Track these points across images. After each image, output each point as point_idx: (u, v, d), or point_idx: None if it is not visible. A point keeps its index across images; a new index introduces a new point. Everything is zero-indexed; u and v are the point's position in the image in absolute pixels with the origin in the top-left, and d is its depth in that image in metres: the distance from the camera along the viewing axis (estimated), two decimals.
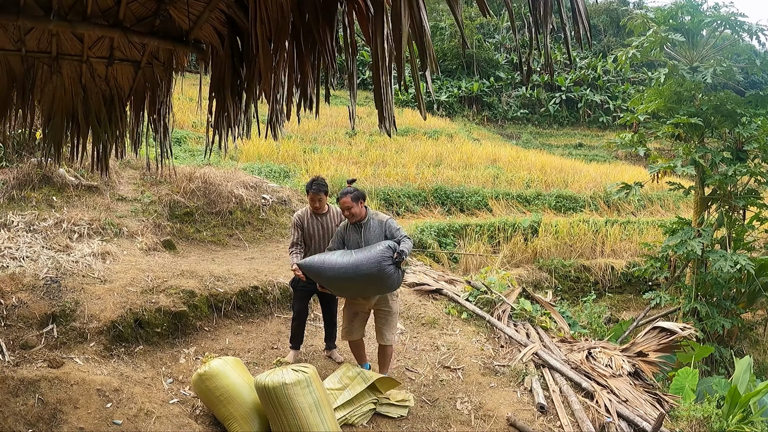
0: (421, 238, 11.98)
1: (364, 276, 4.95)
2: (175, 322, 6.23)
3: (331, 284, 5.19)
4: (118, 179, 9.85)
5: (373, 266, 4.91)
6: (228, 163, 13.77)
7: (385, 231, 5.27)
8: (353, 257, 5.02)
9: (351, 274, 4.97)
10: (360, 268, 4.94)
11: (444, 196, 15.68)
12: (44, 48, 4.30)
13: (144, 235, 8.25)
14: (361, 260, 4.96)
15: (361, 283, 5.05)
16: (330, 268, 5.07)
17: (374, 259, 4.91)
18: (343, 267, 5.00)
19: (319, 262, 5.16)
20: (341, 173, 15.07)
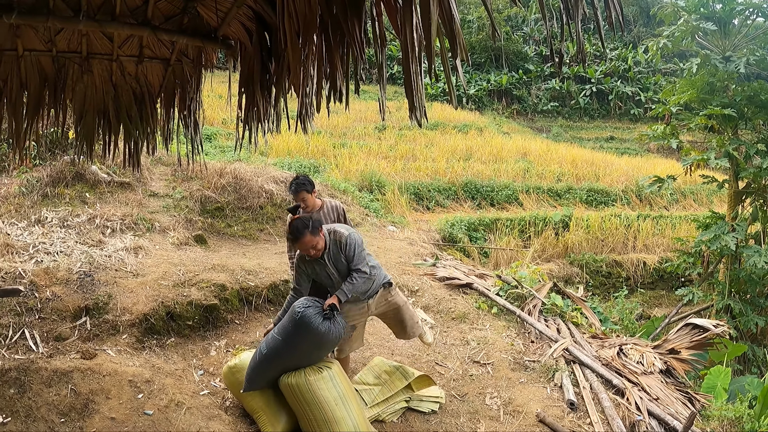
0: (452, 232, 11.95)
1: (304, 347, 4.51)
2: (206, 315, 6.30)
3: (283, 371, 4.67)
4: (149, 176, 9.97)
5: (311, 336, 4.42)
6: (258, 158, 13.86)
7: (345, 256, 4.54)
8: (279, 335, 4.57)
9: (291, 351, 4.53)
10: (293, 342, 4.48)
11: (474, 190, 15.61)
12: (75, 48, 4.36)
13: (176, 230, 8.34)
14: (288, 332, 4.51)
15: (309, 353, 4.59)
16: (268, 360, 4.59)
17: (307, 329, 4.42)
18: (278, 348, 4.54)
19: (257, 365, 4.66)
20: (371, 168, 15.08)
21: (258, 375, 4.67)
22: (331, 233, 4.54)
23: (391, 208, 13.22)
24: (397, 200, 13.64)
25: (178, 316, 6.06)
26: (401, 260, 8.68)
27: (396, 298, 5.09)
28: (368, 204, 12.22)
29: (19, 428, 4.30)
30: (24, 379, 4.65)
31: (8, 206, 7.82)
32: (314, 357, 4.69)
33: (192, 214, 9.18)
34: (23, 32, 4.06)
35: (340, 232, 4.55)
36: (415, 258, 8.97)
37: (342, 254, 4.53)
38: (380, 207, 12.57)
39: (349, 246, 4.51)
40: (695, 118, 10.67)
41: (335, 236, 4.53)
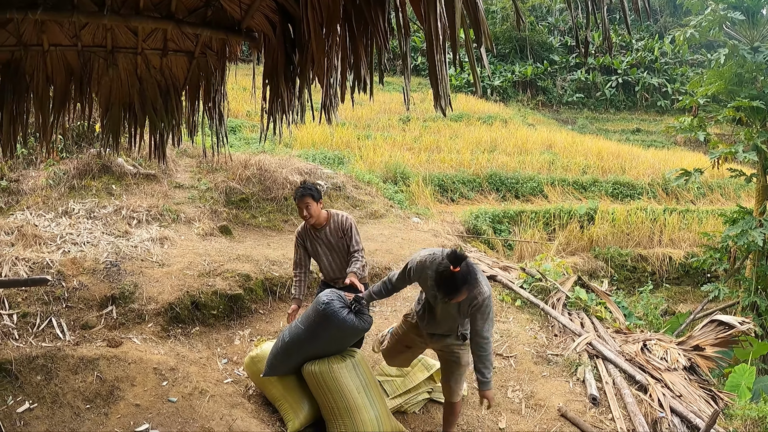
0: (476, 224, 11.88)
1: (327, 338, 4.53)
2: (231, 305, 6.35)
3: (304, 360, 4.71)
4: (175, 167, 10.05)
5: (332, 328, 4.45)
6: (282, 150, 13.89)
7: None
8: (303, 323, 4.60)
9: (313, 341, 4.54)
10: (315, 332, 4.51)
11: (499, 182, 15.51)
12: (99, 42, 4.38)
13: (201, 221, 8.40)
14: (312, 322, 4.52)
15: (331, 343, 4.62)
16: (291, 350, 4.63)
17: (330, 320, 4.42)
18: (300, 337, 4.57)
19: (279, 352, 4.70)
20: (395, 159, 15.05)
21: (279, 362, 4.71)
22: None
23: (416, 199, 13.19)
24: (421, 192, 13.60)
25: (202, 306, 6.12)
26: None
27: (464, 354, 4.45)
28: (392, 195, 12.20)
29: (45, 414, 4.37)
30: (51, 366, 4.72)
31: (36, 198, 7.93)
32: (336, 347, 4.71)
33: (217, 205, 9.24)
34: (48, 28, 4.10)
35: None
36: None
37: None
38: (405, 198, 12.54)
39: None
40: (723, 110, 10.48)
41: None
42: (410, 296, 7.35)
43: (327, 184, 10.83)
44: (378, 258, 8.06)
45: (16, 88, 4.50)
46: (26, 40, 4.17)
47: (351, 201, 10.84)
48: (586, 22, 2.08)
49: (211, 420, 4.53)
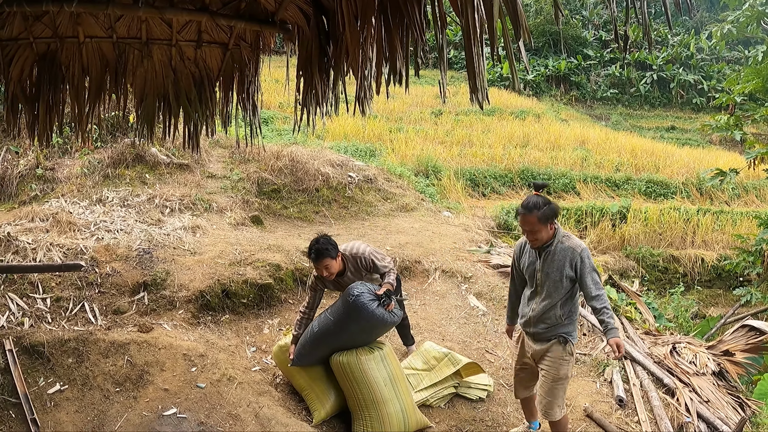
0: (507, 219, 11.75)
1: (355, 330, 4.59)
2: (261, 294, 6.39)
3: (332, 351, 4.75)
4: (207, 157, 10.13)
5: (362, 319, 4.51)
6: (314, 142, 13.91)
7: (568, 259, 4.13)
8: (332, 315, 4.66)
9: (342, 333, 4.60)
10: (345, 324, 4.56)
11: (531, 177, 15.31)
12: (134, 34, 4.42)
13: (233, 211, 8.46)
14: (341, 314, 4.58)
15: (359, 336, 4.68)
16: (319, 340, 4.67)
17: (360, 312, 4.48)
18: (328, 328, 4.62)
19: (307, 342, 4.74)
20: (427, 153, 14.97)
21: (307, 352, 4.73)
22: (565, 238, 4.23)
23: (447, 193, 13.10)
24: (452, 186, 13.51)
25: (233, 294, 6.16)
26: (456, 246, 8.61)
27: (561, 366, 4.23)
28: (424, 189, 12.15)
29: (75, 395, 4.44)
30: (82, 349, 4.79)
31: (71, 186, 8.05)
32: (364, 339, 4.74)
33: (249, 195, 9.29)
34: (84, 20, 4.14)
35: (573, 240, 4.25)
36: (469, 244, 8.89)
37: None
38: (436, 192, 12.48)
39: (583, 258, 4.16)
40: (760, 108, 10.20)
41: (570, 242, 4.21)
42: (439, 290, 7.33)
43: (358, 176, 10.83)
44: (408, 251, 8.03)
45: (52, 79, 4.56)
46: (62, 33, 4.22)
47: (382, 194, 10.82)
48: (626, 16, 2.03)
49: (238, 407, 4.56)
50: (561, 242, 4.12)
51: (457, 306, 7.07)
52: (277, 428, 4.44)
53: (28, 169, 8.52)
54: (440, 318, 6.80)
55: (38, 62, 4.46)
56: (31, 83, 4.59)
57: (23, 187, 8.25)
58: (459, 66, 31.18)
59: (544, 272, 4.15)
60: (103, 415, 4.33)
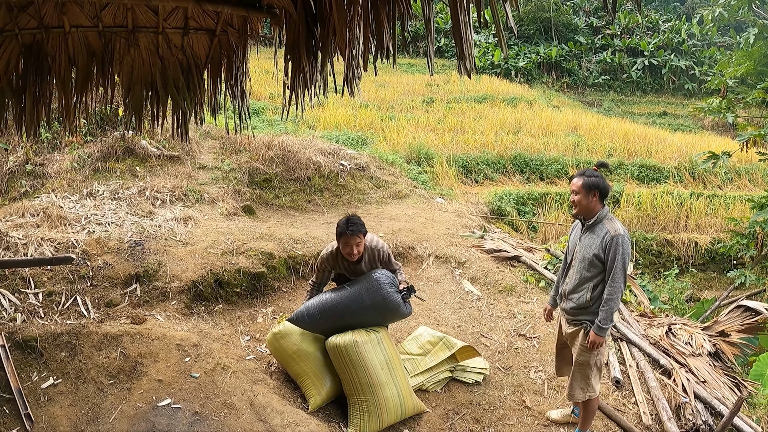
0: (500, 205, 11.77)
1: (370, 307, 4.72)
2: (254, 283, 6.37)
3: (336, 324, 4.83)
4: (198, 149, 10.07)
5: (378, 296, 4.67)
6: (305, 131, 13.88)
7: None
8: (349, 285, 4.81)
9: (355, 307, 4.72)
10: (362, 300, 4.70)
11: (523, 163, 15.34)
12: (120, 22, 4.37)
13: (224, 201, 8.42)
14: (360, 286, 4.75)
15: (367, 316, 4.78)
16: (330, 308, 4.76)
17: (378, 289, 4.68)
18: (343, 299, 4.75)
19: (317, 306, 4.82)
20: (419, 140, 14.94)
21: (311, 315, 4.78)
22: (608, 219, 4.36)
23: (440, 180, 13.10)
24: (445, 172, 13.50)
25: (226, 284, 6.14)
26: (449, 232, 8.61)
27: (591, 356, 4.36)
28: (416, 176, 12.14)
29: (69, 389, 4.41)
30: (75, 342, 4.76)
31: (61, 181, 8.00)
32: (371, 321, 4.81)
33: (240, 185, 9.25)
34: (69, 9, 4.09)
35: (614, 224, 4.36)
36: (463, 230, 8.89)
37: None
38: (428, 179, 12.47)
39: None
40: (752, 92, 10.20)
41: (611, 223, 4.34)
42: (433, 275, 7.33)
43: (350, 165, 10.80)
44: (401, 237, 8.02)
45: (38, 71, 4.50)
46: (47, 23, 4.16)
47: (374, 181, 10.80)
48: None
49: (233, 395, 4.54)
50: (602, 222, 4.25)
51: (452, 291, 7.07)
52: (272, 416, 4.42)
53: (18, 165, 8.45)
54: (435, 303, 6.79)
55: (24, 54, 4.40)
56: (17, 75, 4.53)
57: (13, 183, 8.19)
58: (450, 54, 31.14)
59: (579, 247, 4.35)
60: (97, 408, 4.30)
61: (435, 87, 23.74)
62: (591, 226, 4.30)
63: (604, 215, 4.28)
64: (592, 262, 4.23)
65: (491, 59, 29.58)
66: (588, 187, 4.25)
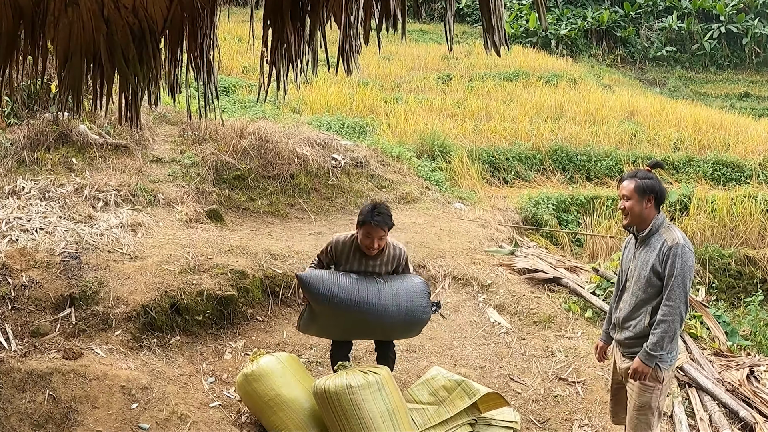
0: (536, 213, 11.77)
1: (403, 313, 5.09)
2: (221, 309, 6.39)
3: (350, 317, 5.04)
4: (152, 137, 10.10)
5: (417, 304, 5.15)
6: (289, 116, 13.90)
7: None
8: (388, 285, 5.12)
9: (384, 306, 5.02)
10: (398, 301, 5.06)
11: (565, 159, 15.35)
12: None
13: (184, 204, 8.45)
14: (396, 279, 5.18)
15: (393, 321, 5.11)
16: (357, 293, 5.00)
17: (421, 297, 5.18)
18: (376, 294, 5.04)
19: (340, 281, 5.04)
20: (433, 128, 14.95)
21: (327, 287, 4.94)
22: None
23: (459, 179, 13.11)
24: (466, 170, 13.51)
25: (185, 310, 6.15)
26: (470, 246, 8.62)
27: (649, 396, 4.33)
28: (429, 174, 12.16)
29: None
30: None
31: None
32: (392, 329, 5.19)
33: (205, 184, 9.28)
34: None
35: None
36: (488, 244, 8.90)
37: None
38: (444, 178, 12.50)
39: None
40: None
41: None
42: (450, 302, 7.34)
43: (345, 159, 10.83)
44: (410, 253, 7.95)
45: None
46: None
47: (376, 180, 10.82)
48: None
49: None
50: (659, 232, 4.35)
51: (473, 322, 7.08)
52: None
53: None
54: (451, 337, 6.80)
55: None
56: None
57: None
58: (473, 19, 31.05)
59: (634, 264, 4.43)
60: None
61: (453, 61, 23.81)
62: (645, 238, 4.38)
63: (660, 223, 4.37)
64: (649, 280, 4.27)
65: (525, 25, 29.60)
66: (642, 191, 4.31)
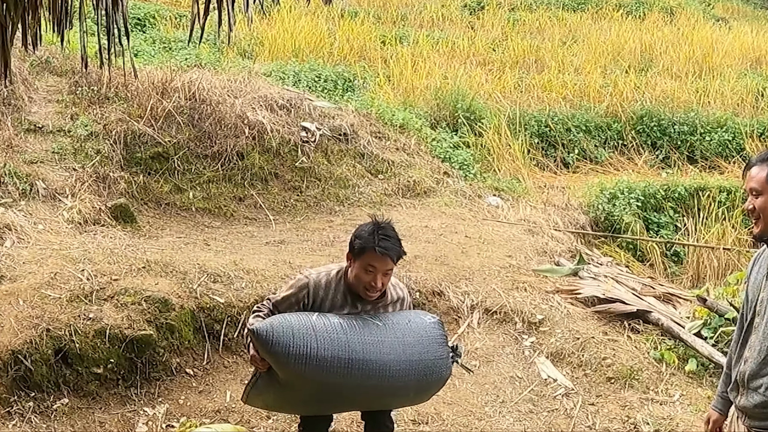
0: (611, 212, 11.76)
1: (415, 369, 5.00)
2: (131, 358, 6.38)
3: (327, 390, 4.94)
4: (27, 94, 10.09)
5: (435, 353, 5.05)
6: (237, 63, 13.86)
7: None
8: (390, 336, 4.96)
9: (387, 374, 4.89)
10: (409, 350, 4.96)
11: (657, 130, 15.30)
12: None
13: (76, 197, 8.44)
14: (409, 336, 5.01)
15: (404, 381, 5.01)
16: (350, 360, 4.80)
17: (438, 342, 5.10)
18: (377, 343, 4.90)
19: (326, 328, 4.84)
20: (455, 83, 14.90)
21: (306, 343, 4.70)
22: None
23: (495, 160, 13.03)
24: (505, 147, 13.44)
25: (76, 358, 6.15)
26: (511, 262, 8.61)
27: None
28: (449, 153, 12.13)
29: None
30: None
31: None
32: (400, 391, 5.08)
33: (108, 165, 9.27)
34: None
35: None
36: (538, 259, 8.89)
37: None
38: (472, 159, 12.43)
39: None
40: None
41: None
42: (481, 347, 7.34)
43: (322, 130, 10.82)
44: (421, 273, 8.00)
45: None
46: None
47: (368, 162, 10.81)
48: None
49: None
50: None
51: (515, 378, 7.09)
52: None
53: None
54: (482, 401, 6.81)
55: None
56: None
57: None
58: None
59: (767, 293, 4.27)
60: None
61: None
62: None
63: None
64: None
65: None
66: None
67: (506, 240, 9.30)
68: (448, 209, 10.21)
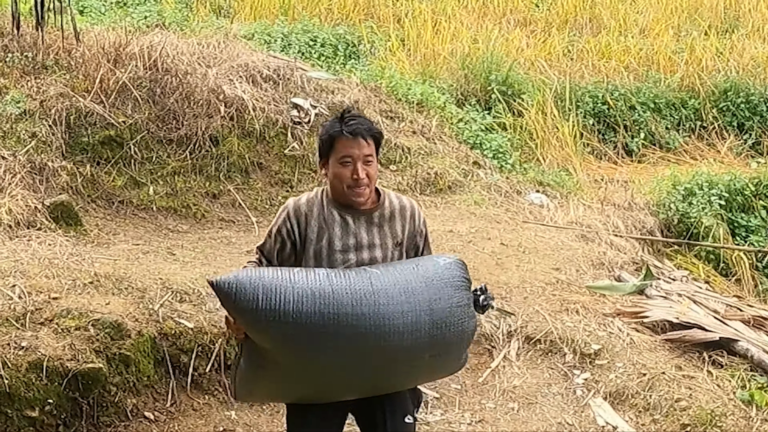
0: (687, 212, 11.77)
1: (428, 328, 4.84)
2: (75, 397, 6.37)
3: (318, 360, 4.81)
4: None
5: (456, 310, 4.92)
6: (209, 21, 13.90)
7: None
8: (388, 282, 4.81)
9: (387, 331, 4.74)
10: (418, 302, 4.82)
11: (745, 108, 15.33)
12: None
13: (5, 192, 8.46)
14: (417, 291, 4.86)
15: (399, 359, 4.90)
16: (337, 314, 4.67)
17: (455, 291, 4.94)
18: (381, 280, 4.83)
19: (307, 294, 4.68)
20: (488, 48, 14.92)
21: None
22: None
23: (538, 147, 13.06)
24: (551, 129, 13.49)
25: (5, 397, 6.15)
26: (559, 277, 8.62)
27: None
28: (480, 137, 12.15)
29: None
30: None
31: None
32: (410, 357, 4.91)
33: (46, 152, 9.30)
34: None
35: None
36: (593, 272, 8.90)
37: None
38: (510, 145, 12.46)
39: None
40: None
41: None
42: (521, 385, 7.34)
43: (318, 108, 10.84)
44: None
45: None
46: None
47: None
48: None
49: None
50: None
51: (564, 424, 7.09)
52: None
53: None
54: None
55: None
56: None
57: None
58: None
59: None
60: None
61: None
62: None
63: None
64: None
65: None
66: None
67: (553, 248, 9.31)
68: (478, 209, 10.23)
